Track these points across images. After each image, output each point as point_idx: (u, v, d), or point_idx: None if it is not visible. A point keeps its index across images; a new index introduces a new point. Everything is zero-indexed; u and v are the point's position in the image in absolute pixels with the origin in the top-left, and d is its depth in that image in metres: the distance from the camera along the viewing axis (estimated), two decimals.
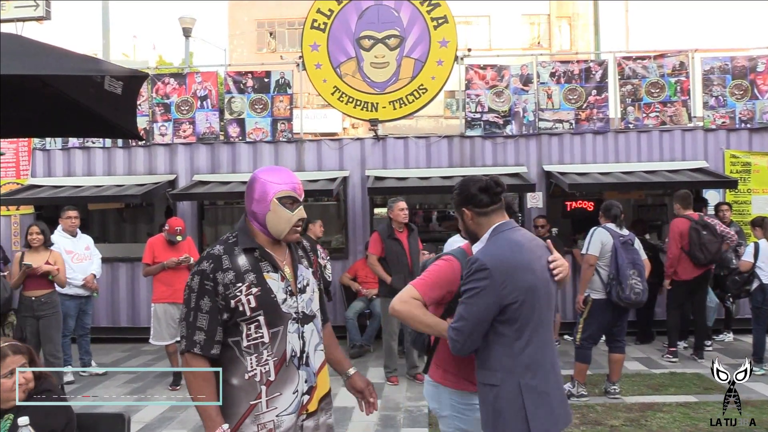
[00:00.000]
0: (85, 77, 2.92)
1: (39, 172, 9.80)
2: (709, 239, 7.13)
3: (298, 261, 2.50)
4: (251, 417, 2.29)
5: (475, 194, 2.59)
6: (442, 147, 9.46)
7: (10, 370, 2.65)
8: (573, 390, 6.00)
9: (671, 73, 9.30)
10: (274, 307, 2.33)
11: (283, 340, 2.34)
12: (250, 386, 2.30)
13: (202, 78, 9.74)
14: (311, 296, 2.49)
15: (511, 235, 2.53)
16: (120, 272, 9.51)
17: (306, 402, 2.39)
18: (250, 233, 2.42)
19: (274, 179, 2.42)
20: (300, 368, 2.37)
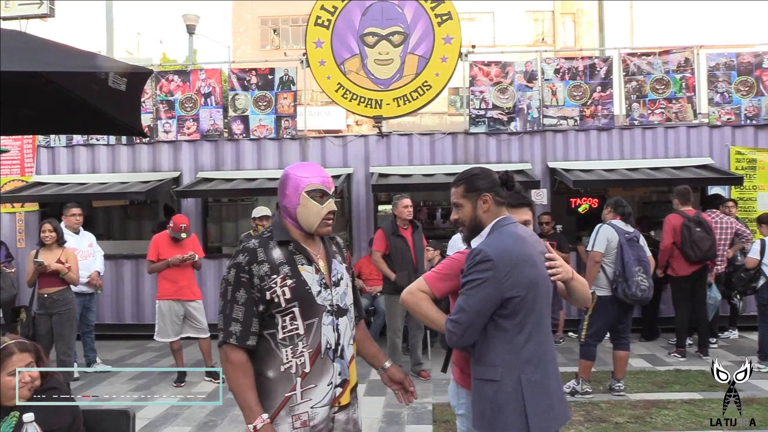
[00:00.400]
0: (88, 74, 2.91)
1: (43, 169, 9.81)
2: (700, 236, 7.11)
3: (332, 255, 2.53)
4: (286, 409, 2.32)
5: (503, 181, 2.59)
6: (446, 144, 9.44)
7: (14, 369, 2.66)
8: (577, 387, 5.98)
9: (676, 69, 9.27)
10: (309, 299, 2.36)
11: (317, 332, 2.36)
12: (286, 378, 2.33)
13: (206, 75, 9.74)
14: (345, 290, 2.51)
15: (514, 229, 2.51)
16: (125, 269, 9.53)
17: (339, 395, 2.41)
18: (284, 228, 2.46)
19: (303, 173, 2.45)
20: (335, 360, 2.40)
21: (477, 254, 2.40)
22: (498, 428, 2.41)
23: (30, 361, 2.70)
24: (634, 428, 5.16)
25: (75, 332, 6.58)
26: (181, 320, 6.84)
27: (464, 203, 2.56)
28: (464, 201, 2.56)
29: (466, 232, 2.59)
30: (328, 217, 2.43)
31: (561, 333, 8.59)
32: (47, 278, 6.37)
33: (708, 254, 7.19)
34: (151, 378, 7.18)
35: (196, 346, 7.25)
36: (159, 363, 7.85)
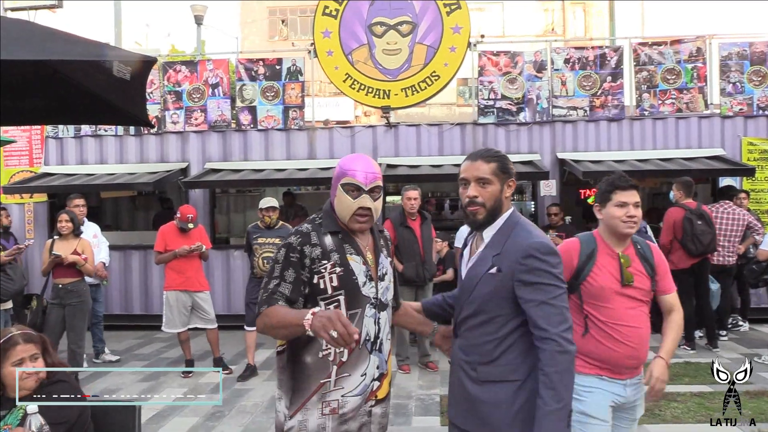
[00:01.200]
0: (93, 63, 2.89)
1: (52, 160, 9.83)
2: (702, 230, 7.03)
3: (380, 249, 2.51)
4: (318, 395, 2.32)
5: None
6: (454, 134, 9.39)
7: (19, 359, 2.65)
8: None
9: (688, 59, 9.16)
10: (355, 288, 2.35)
11: (359, 322, 2.35)
12: (323, 364, 2.33)
13: (214, 65, 9.71)
14: (389, 285, 2.50)
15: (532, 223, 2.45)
16: (133, 260, 9.55)
17: (376, 388, 2.40)
18: (333, 217, 2.45)
19: (347, 166, 2.42)
20: (372, 353, 2.39)
21: (540, 246, 2.25)
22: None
23: (34, 353, 2.68)
24: (643, 420, 5.11)
25: (86, 324, 6.58)
26: (189, 311, 6.84)
27: (494, 181, 2.34)
28: (495, 179, 2.34)
29: (483, 214, 2.34)
30: (360, 213, 2.38)
31: None
32: (63, 269, 6.37)
33: (708, 248, 7.13)
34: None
35: (203, 337, 7.26)
36: (167, 353, 7.87)
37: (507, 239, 2.32)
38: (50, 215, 9.60)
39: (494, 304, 2.30)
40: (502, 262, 2.28)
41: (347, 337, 1.92)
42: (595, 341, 2.83)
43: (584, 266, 2.86)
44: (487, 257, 2.34)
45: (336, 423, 2.32)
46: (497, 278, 2.28)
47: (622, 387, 2.88)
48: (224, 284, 9.28)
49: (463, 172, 2.41)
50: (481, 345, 2.33)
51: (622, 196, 2.91)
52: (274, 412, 2.39)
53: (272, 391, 6.23)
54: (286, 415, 2.35)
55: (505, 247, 2.30)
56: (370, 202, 2.38)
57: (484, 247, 2.37)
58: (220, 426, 5.28)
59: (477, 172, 2.35)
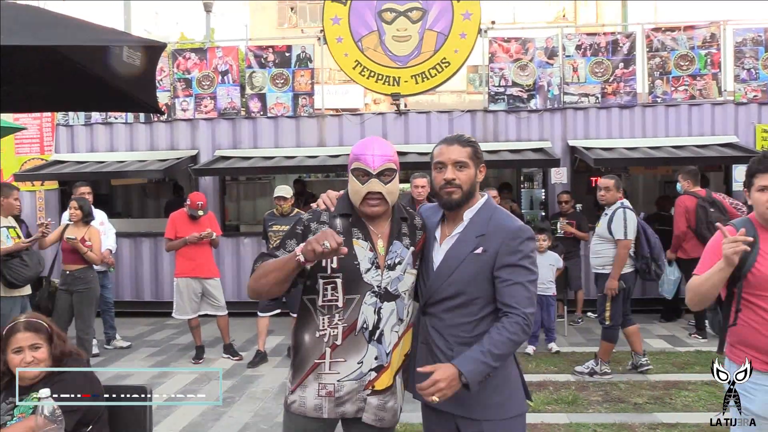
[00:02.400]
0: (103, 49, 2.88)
1: (62, 147, 9.86)
2: (716, 217, 6.98)
3: (399, 237, 2.45)
4: (314, 374, 2.38)
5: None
6: (465, 122, 9.33)
7: (18, 347, 2.64)
8: (597, 368, 5.94)
9: (701, 45, 9.04)
10: (355, 273, 2.36)
11: (356, 309, 2.36)
12: (318, 344, 2.38)
13: (223, 53, 9.69)
14: (401, 276, 2.43)
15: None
16: (143, 247, 9.58)
17: (373, 378, 2.39)
18: (349, 202, 2.45)
19: (355, 151, 2.43)
20: (371, 343, 2.37)
21: (527, 230, 2.37)
22: (520, 406, 2.41)
23: (35, 342, 2.66)
24: (653, 409, 5.11)
25: (94, 311, 6.62)
26: (199, 298, 6.87)
27: (470, 165, 2.40)
28: (471, 162, 2.41)
29: (459, 195, 2.37)
30: (369, 197, 2.36)
31: (579, 313, 8.52)
32: (70, 255, 6.42)
33: None
34: (170, 354, 7.25)
35: (214, 324, 7.29)
36: (178, 340, 7.92)
37: (489, 220, 2.38)
38: (61, 203, 9.65)
39: (476, 285, 2.34)
40: (488, 242, 2.33)
41: (333, 244, 2.05)
42: (754, 333, 2.67)
43: (748, 255, 2.62)
44: (468, 238, 2.37)
45: (332, 405, 2.38)
46: (482, 258, 2.32)
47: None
48: (234, 271, 9.30)
49: (438, 156, 2.43)
50: (459, 326, 2.36)
51: (763, 179, 2.69)
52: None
53: (282, 377, 6.25)
54: (289, 388, 2.47)
55: (490, 227, 2.36)
56: (380, 186, 2.36)
57: (464, 227, 2.40)
58: (230, 412, 5.31)
59: (454, 155, 2.40)
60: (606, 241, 5.93)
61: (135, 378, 6.39)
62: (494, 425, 2.34)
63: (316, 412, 2.38)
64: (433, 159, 2.47)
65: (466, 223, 2.41)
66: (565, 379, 5.94)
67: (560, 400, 5.28)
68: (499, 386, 2.35)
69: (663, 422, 4.80)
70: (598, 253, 6.01)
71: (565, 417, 4.93)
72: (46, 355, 2.68)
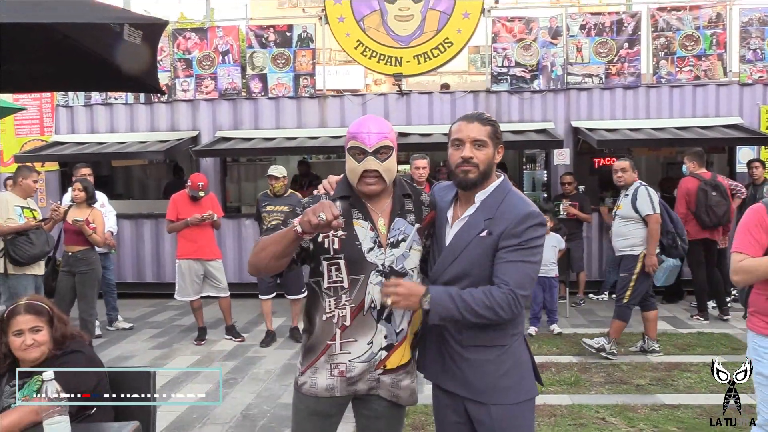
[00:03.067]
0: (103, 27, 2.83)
1: (62, 129, 9.81)
2: (716, 201, 6.96)
3: (400, 214, 2.42)
4: (326, 356, 2.37)
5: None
6: (467, 102, 9.26)
7: (19, 329, 2.63)
8: (607, 346, 5.92)
9: (707, 25, 8.95)
10: (357, 254, 2.33)
11: (362, 288, 2.33)
12: (328, 326, 2.37)
13: (224, 33, 9.59)
14: (405, 253, 2.39)
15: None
16: (145, 228, 9.57)
17: (384, 358, 2.37)
18: (348, 183, 2.43)
19: (351, 129, 2.39)
20: (379, 322, 2.35)
21: (537, 216, 2.28)
22: (529, 391, 2.39)
23: (35, 325, 2.64)
24: (655, 390, 5.12)
25: (96, 292, 6.61)
26: (201, 279, 6.86)
27: (489, 144, 2.33)
28: (490, 142, 2.33)
29: (476, 174, 2.31)
30: (366, 175, 2.33)
31: (581, 294, 8.52)
32: (73, 236, 6.41)
33: (723, 219, 7.06)
34: (173, 336, 7.26)
35: (216, 305, 7.29)
36: (180, 321, 7.93)
37: (500, 204, 2.32)
38: (62, 184, 9.62)
39: (480, 268, 2.29)
40: (495, 225, 2.28)
41: (329, 216, 2.01)
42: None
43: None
44: (477, 221, 2.32)
45: (345, 384, 2.38)
46: (487, 241, 2.28)
47: None
48: (236, 253, 9.30)
49: (457, 133, 2.36)
50: None
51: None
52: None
53: (285, 358, 6.27)
54: (300, 370, 2.46)
55: (498, 211, 2.30)
56: (376, 164, 2.32)
57: (475, 210, 2.35)
58: (233, 393, 5.33)
59: (473, 133, 2.32)
60: (632, 221, 5.85)
61: (138, 359, 6.40)
62: (503, 409, 2.31)
63: (328, 392, 2.38)
64: (450, 135, 2.40)
65: (477, 206, 2.36)
66: (567, 360, 5.95)
67: (562, 381, 5.29)
68: (510, 371, 2.33)
69: (665, 403, 4.81)
70: (625, 234, 5.91)
71: (567, 398, 4.94)
72: (47, 337, 2.66)
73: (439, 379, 2.43)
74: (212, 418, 4.76)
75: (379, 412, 2.45)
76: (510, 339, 2.34)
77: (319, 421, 2.45)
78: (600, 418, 4.54)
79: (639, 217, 5.80)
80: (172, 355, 6.51)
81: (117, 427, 2.48)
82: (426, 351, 2.49)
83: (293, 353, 6.36)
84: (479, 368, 2.31)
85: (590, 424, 4.42)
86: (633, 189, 5.89)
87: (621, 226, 5.98)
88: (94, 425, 2.53)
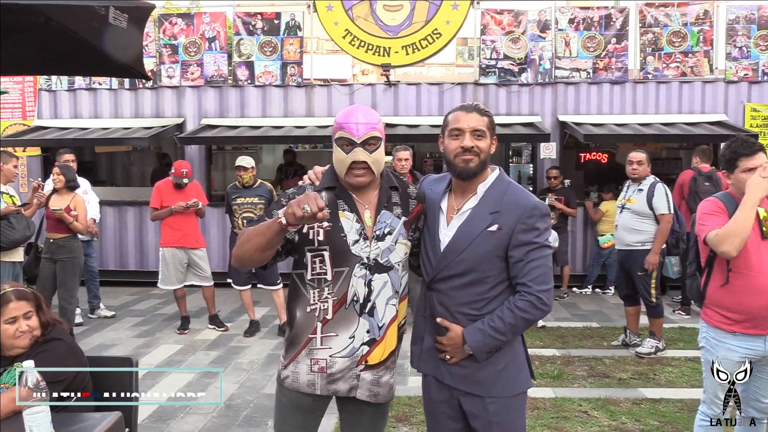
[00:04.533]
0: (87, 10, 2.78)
1: (45, 113, 9.66)
2: (706, 190, 6.99)
3: (386, 207, 2.38)
4: (307, 350, 2.34)
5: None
6: (455, 94, 9.24)
7: (12, 317, 2.59)
8: (659, 344, 5.91)
9: (695, 21, 8.98)
10: (342, 246, 2.29)
11: (346, 281, 2.30)
12: (309, 319, 2.33)
13: (211, 19, 9.48)
14: (391, 246, 2.35)
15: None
16: (128, 216, 9.47)
17: (366, 353, 2.34)
18: (334, 174, 2.39)
19: (339, 119, 2.34)
20: (362, 316, 2.32)
21: (543, 208, 2.31)
22: (525, 384, 2.40)
23: (28, 311, 2.62)
24: (637, 384, 5.16)
25: (78, 280, 6.50)
26: (185, 268, 6.81)
27: (487, 135, 2.32)
28: (488, 133, 2.32)
29: (477, 163, 2.29)
30: (354, 167, 2.29)
31: (565, 288, 8.56)
32: (54, 223, 6.30)
33: None
34: (155, 324, 7.21)
35: (200, 294, 7.24)
36: (163, 310, 7.87)
37: (504, 196, 2.30)
38: (44, 169, 9.48)
39: (488, 263, 2.27)
40: (503, 219, 2.25)
41: (314, 208, 1.98)
42: (737, 293, 3.06)
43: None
44: (482, 214, 2.28)
45: (324, 381, 2.33)
46: (497, 236, 2.25)
47: (762, 341, 3.08)
48: (221, 242, 9.23)
49: (455, 123, 2.33)
50: (468, 303, 2.31)
51: (748, 161, 3.06)
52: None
53: (268, 348, 6.25)
54: (282, 363, 2.42)
55: (504, 204, 2.28)
56: (364, 155, 2.28)
57: (478, 202, 2.32)
58: (216, 383, 5.29)
59: (473, 123, 2.30)
60: (645, 217, 5.79)
61: (120, 347, 6.34)
62: (499, 402, 2.32)
63: (309, 388, 2.35)
64: (447, 126, 2.37)
65: (480, 197, 2.32)
66: (550, 353, 5.98)
67: (546, 375, 5.31)
68: (508, 365, 2.34)
69: (647, 397, 4.84)
70: (637, 229, 5.83)
71: (550, 391, 4.96)
72: (38, 323, 2.64)
73: (435, 371, 2.42)
74: (195, 407, 4.73)
75: (362, 409, 2.43)
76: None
77: (301, 415, 2.43)
78: (582, 412, 4.57)
79: (652, 214, 5.75)
80: (154, 344, 6.45)
81: (99, 417, 2.44)
82: (422, 345, 2.48)
83: (277, 343, 6.33)
84: (478, 362, 2.31)
85: (573, 418, 4.45)
86: (648, 184, 5.83)
87: (633, 220, 5.87)
88: (74, 415, 2.49)
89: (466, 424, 2.39)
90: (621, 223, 6.00)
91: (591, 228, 8.99)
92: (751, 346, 3.09)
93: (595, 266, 8.80)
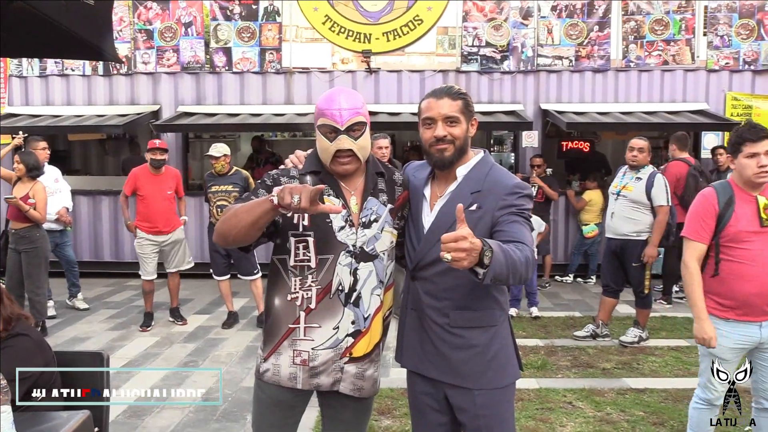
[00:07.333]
0: None
1: (16, 100, 9.38)
2: (703, 187, 6.98)
3: (373, 193, 2.28)
4: (288, 340, 2.24)
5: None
6: (436, 82, 9.12)
7: None
8: (643, 334, 5.89)
9: (677, 9, 8.95)
10: (327, 231, 2.20)
11: (330, 270, 2.20)
12: (291, 308, 2.24)
13: (187, 3, 9.24)
14: (377, 234, 2.26)
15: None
16: (102, 206, 9.25)
17: (350, 345, 2.24)
18: (318, 159, 2.27)
19: (320, 105, 2.22)
20: (347, 306, 2.22)
21: (525, 188, 2.21)
22: (514, 374, 2.32)
23: None
24: (621, 374, 5.13)
25: (45, 271, 6.24)
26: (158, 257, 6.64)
27: (462, 120, 2.22)
28: (462, 117, 2.22)
29: (452, 152, 2.21)
30: (339, 155, 2.18)
31: (547, 277, 8.53)
32: (14, 212, 6.07)
33: None
34: (130, 317, 7.03)
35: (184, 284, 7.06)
36: (138, 302, 7.67)
37: (486, 177, 2.22)
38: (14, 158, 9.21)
39: None
40: (484, 199, 2.17)
41: (304, 203, 1.89)
42: (730, 281, 3.14)
43: (725, 211, 3.15)
44: (462, 195, 2.19)
45: (307, 375, 2.24)
46: (477, 215, 2.15)
47: (758, 328, 3.14)
48: (198, 231, 9.05)
49: (427, 111, 2.24)
50: (454, 288, 2.21)
51: (752, 147, 3.09)
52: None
53: (247, 340, 6.13)
54: (261, 356, 2.32)
55: (485, 185, 2.20)
56: (349, 143, 2.17)
57: (457, 185, 2.24)
58: (193, 376, 5.17)
59: (444, 110, 2.21)
60: (642, 207, 5.70)
61: (94, 341, 6.17)
62: (488, 394, 2.23)
63: (290, 382, 2.25)
64: (420, 114, 2.27)
65: (460, 180, 2.24)
66: (534, 343, 5.93)
67: (529, 365, 5.25)
68: (498, 353, 2.24)
69: (631, 387, 4.81)
70: (633, 219, 5.73)
71: (534, 382, 4.90)
72: None
73: (419, 367, 2.33)
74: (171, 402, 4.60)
75: (345, 403, 2.34)
76: (499, 319, 2.25)
77: (281, 412, 2.34)
78: (567, 402, 4.52)
79: (648, 204, 5.67)
80: (129, 337, 6.29)
81: (66, 416, 2.31)
82: (404, 338, 2.38)
83: (256, 335, 6.21)
84: (466, 352, 2.22)
85: (558, 409, 4.39)
86: (648, 173, 5.73)
87: (628, 208, 5.76)
88: (40, 415, 2.35)
89: (453, 417, 2.31)
90: (617, 211, 5.86)
91: (573, 217, 8.96)
92: (746, 333, 3.15)
93: (576, 255, 8.78)
